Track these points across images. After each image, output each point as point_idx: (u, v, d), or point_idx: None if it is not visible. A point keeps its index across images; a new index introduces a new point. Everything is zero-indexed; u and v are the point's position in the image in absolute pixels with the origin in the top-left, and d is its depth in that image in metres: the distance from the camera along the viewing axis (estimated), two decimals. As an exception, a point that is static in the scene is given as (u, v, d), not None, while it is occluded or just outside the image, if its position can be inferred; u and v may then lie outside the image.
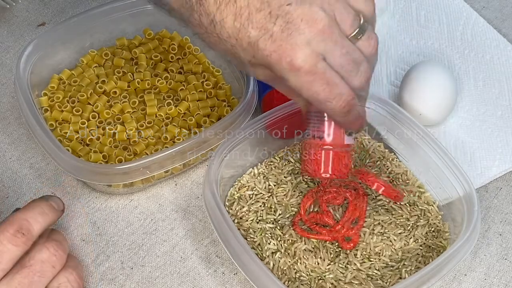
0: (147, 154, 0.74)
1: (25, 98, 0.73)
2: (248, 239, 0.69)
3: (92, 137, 0.76)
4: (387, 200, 0.71)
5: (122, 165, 0.70)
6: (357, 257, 0.68)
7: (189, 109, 0.78)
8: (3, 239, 0.58)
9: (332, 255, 0.68)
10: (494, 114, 0.80)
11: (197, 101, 0.78)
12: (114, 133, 0.76)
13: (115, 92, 0.79)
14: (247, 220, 0.70)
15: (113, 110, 0.77)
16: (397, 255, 0.69)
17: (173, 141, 0.75)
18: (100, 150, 0.75)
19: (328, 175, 0.65)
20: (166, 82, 0.80)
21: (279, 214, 0.71)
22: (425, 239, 0.70)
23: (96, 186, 0.74)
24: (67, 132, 0.76)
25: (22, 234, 0.58)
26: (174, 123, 0.77)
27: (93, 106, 0.78)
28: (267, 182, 0.73)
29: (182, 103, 0.78)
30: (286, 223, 0.70)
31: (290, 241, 0.69)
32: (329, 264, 0.68)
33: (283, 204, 0.72)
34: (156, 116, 0.77)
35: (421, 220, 0.71)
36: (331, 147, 0.64)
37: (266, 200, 0.72)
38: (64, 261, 0.61)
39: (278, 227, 0.70)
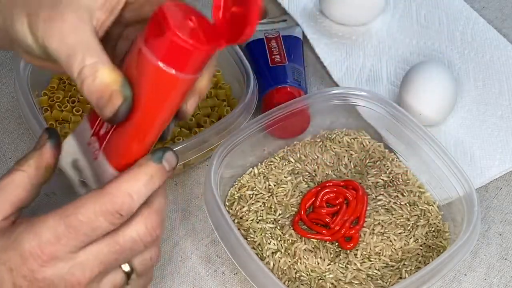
0: (147, 154, 0.74)
1: (25, 98, 0.73)
2: (248, 239, 0.69)
3: (92, 137, 0.76)
4: (387, 200, 0.71)
5: (122, 165, 0.70)
6: (357, 257, 0.68)
7: (189, 109, 0.78)
8: (100, 214, 0.50)
9: (332, 255, 0.68)
10: (494, 114, 0.80)
11: (197, 101, 0.78)
12: (114, 133, 0.76)
13: (115, 92, 0.79)
14: (247, 220, 0.70)
15: (113, 110, 0.77)
16: (397, 255, 0.69)
17: (173, 141, 0.75)
18: (100, 150, 0.75)
19: None
20: (166, 82, 0.79)
21: (279, 214, 0.71)
22: (425, 239, 0.70)
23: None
24: (67, 132, 0.76)
25: (121, 215, 0.51)
26: (174, 123, 0.77)
27: (93, 106, 0.78)
28: (267, 182, 0.73)
29: (182, 103, 0.78)
30: (286, 223, 0.70)
31: (290, 241, 0.69)
32: (329, 264, 0.68)
33: (283, 204, 0.72)
34: (156, 116, 0.77)
35: (421, 220, 0.71)
36: None
37: (266, 200, 0.72)
38: (155, 238, 0.53)
39: (278, 227, 0.70)
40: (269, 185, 0.73)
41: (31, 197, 0.55)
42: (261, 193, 0.72)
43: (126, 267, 0.53)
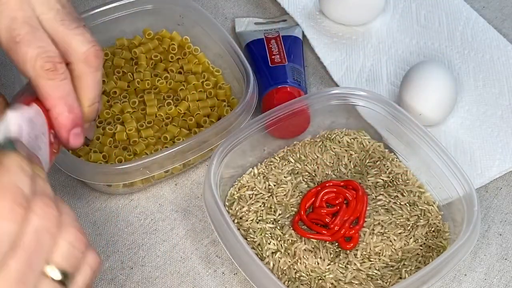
0: (147, 154, 0.74)
1: (25, 98, 0.73)
2: (248, 239, 0.69)
3: (92, 137, 0.76)
4: (387, 200, 0.71)
5: (122, 165, 0.70)
6: (357, 257, 0.68)
7: (189, 109, 0.78)
8: None
9: (332, 255, 0.68)
10: (494, 114, 0.80)
11: (197, 101, 0.78)
12: (114, 133, 0.76)
13: (115, 92, 0.79)
14: (247, 220, 0.70)
15: (113, 110, 0.77)
16: (397, 255, 0.69)
17: (173, 141, 0.75)
18: (100, 150, 0.75)
19: None
20: (166, 82, 0.80)
21: (279, 214, 0.71)
22: (425, 239, 0.70)
23: (96, 186, 0.74)
24: (67, 132, 0.76)
25: (20, 205, 0.43)
26: (174, 123, 0.77)
27: (93, 106, 0.78)
28: (267, 182, 0.73)
29: (182, 103, 0.78)
30: (286, 223, 0.70)
31: (290, 241, 0.69)
32: (329, 264, 0.68)
33: (283, 204, 0.72)
34: (156, 116, 0.77)
35: (421, 220, 0.71)
36: None
37: (266, 200, 0.72)
38: (58, 220, 0.45)
39: (278, 227, 0.70)
40: (269, 185, 0.73)
41: None
42: (261, 193, 0.72)
43: (54, 272, 0.45)
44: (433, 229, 0.70)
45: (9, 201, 0.43)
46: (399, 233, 0.70)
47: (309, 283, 0.67)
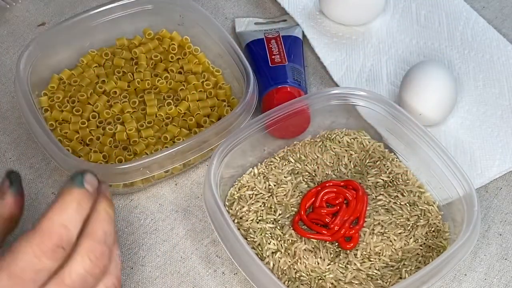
0: (147, 154, 0.74)
1: (25, 98, 0.73)
2: (248, 239, 0.69)
3: (92, 137, 0.76)
4: (387, 200, 0.71)
5: (122, 165, 0.70)
6: (357, 257, 0.68)
7: (189, 109, 0.78)
8: (41, 254, 0.47)
9: (332, 255, 0.68)
10: (494, 114, 0.80)
11: (197, 101, 0.78)
12: (114, 133, 0.76)
13: (115, 92, 0.79)
14: (247, 220, 0.70)
15: (113, 110, 0.77)
16: (397, 255, 0.69)
17: (173, 141, 0.75)
18: (100, 150, 0.75)
19: None
20: (166, 82, 0.80)
21: (279, 214, 0.71)
22: (425, 239, 0.70)
23: (96, 186, 0.74)
24: (67, 132, 0.76)
25: (63, 249, 0.48)
26: (174, 123, 0.77)
27: (93, 106, 0.78)
28: (267, 182, 0.73)
29: (182, 103, 0.78)
30: (286, 223, 0.70)
31: (290, 241, 0.69)
32: (329, 264, 0.68)
33: (283, 204, 0.72)
34: (156, 116, 0.77)
35: (421, 220, 0.71)
36: None
37: (266, 200, 0.72)
38: (107, 269, 0.51)
39: (278, 227, 0.70)
40: (269, 185, 0.73)
41: None
42: (261, 193, 0.72)
43: None
44: (433, 229, 0.70)
45: (53, 241, 0.48)
46: (399, 233, 0.70)
47: (309, 283, 0.67)
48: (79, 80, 0.80)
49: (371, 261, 0.68)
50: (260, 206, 0.71)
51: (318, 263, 0.68)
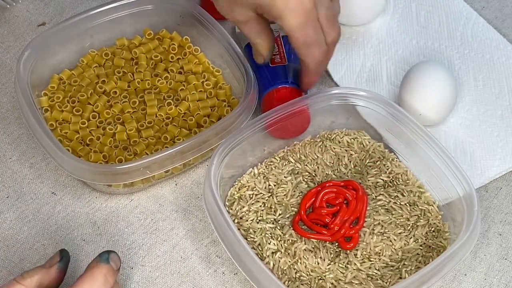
0: (147, 154, 0.74)
1: (25, 98, 0.73)
2: (248, 239, 0.69)
3: (92, 137, 0.76)
4: (387, 200, 0.71)
5: (122, 165, 0.70)
6: (357, 257, 0.68)
7: (189, 109, 0.78)
8: None
9: (332, 255, 0.68)
10: (494, 114, 0.80)
11: (197, 101, 0.78)
12: (114, 133, 0.76)
13: (115, 92, 0.79)
14: (247, 220, 0.70)
15: (113, 110, 0.77)
16: (397, 255, 0.69)
17: (173, 141, 0.75)
18: (100, 150, 0.75)
19: None
20: (166, 82, 0.80)
21: (279, 214, 0.71)
22: (425, 239, 0.70)
23: (96, 186, 0.74)
24: (67, 132, 0.76)
25: None
26: (174, 123, 0.77)
27: (93, 106, 0.78)
28: (267, 182, 0.73)
29: (182, 103, 0.78)
30: (286, 223, 0.70)
31: (290, 241, 0.69)
32: (329, 264, 0.68)
33: (283, 204, 0.72)
34: (156, 116, 0.77)
35: (421, 220, 0.71)
36: None
37: (266, 200, 0.72)
38: None
39: (278, 227, 0.70)
40: (269, 185, 0.73)
41: None
42: (261, 193, 0.72)
43: None
44: (433, 229, 0.70)
45: None
46: (399, 233, 0.70)
47: (309, 283, 0.67)
48: (79, 80, 0.80)
49: (371, 261, 0.68)
50: (260, 206, 0.71)
51: (318, 263, 0.68)
